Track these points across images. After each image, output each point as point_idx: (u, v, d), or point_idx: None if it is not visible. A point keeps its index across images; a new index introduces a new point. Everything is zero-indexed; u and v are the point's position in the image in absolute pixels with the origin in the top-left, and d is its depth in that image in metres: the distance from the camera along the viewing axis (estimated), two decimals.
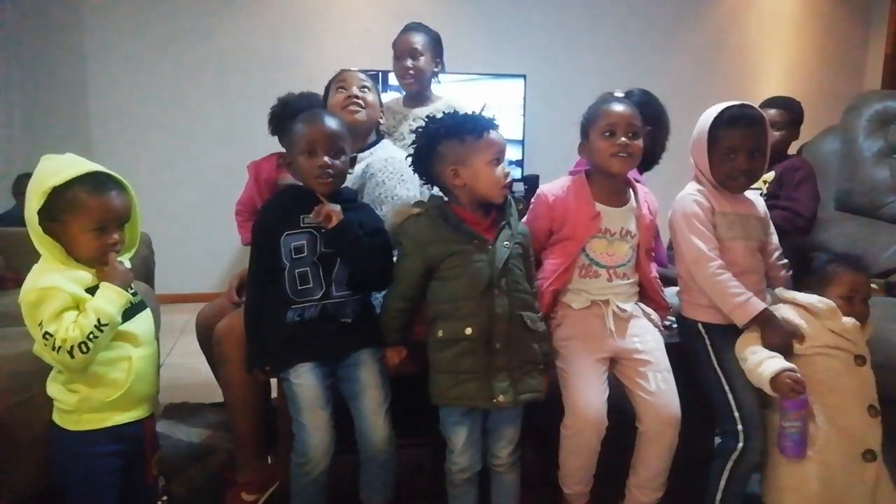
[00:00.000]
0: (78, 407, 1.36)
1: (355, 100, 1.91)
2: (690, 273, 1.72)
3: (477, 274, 1.53)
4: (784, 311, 1.64)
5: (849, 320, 1.58)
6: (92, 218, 1.33)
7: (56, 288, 1.29)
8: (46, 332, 1.27)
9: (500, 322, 1.53)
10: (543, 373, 1.62)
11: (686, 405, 1.64)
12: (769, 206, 1.93)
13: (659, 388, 1.63)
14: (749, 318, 1.61)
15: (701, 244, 1.67)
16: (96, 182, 1.35)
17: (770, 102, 2.68)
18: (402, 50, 2.33)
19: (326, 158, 1.56)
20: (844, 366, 1.57)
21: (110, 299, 1.33)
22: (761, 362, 1.55)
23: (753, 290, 1.67)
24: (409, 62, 2.31)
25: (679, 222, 1.73)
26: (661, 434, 1.62)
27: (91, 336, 1.28)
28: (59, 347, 1.26)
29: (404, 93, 2.43)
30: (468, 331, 1.52)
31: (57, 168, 1.33)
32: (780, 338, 1.58)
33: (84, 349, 1.28)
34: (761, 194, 2.33)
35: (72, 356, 1.27)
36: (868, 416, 1.55)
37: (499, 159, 1.57)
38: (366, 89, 1.96)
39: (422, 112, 2.36)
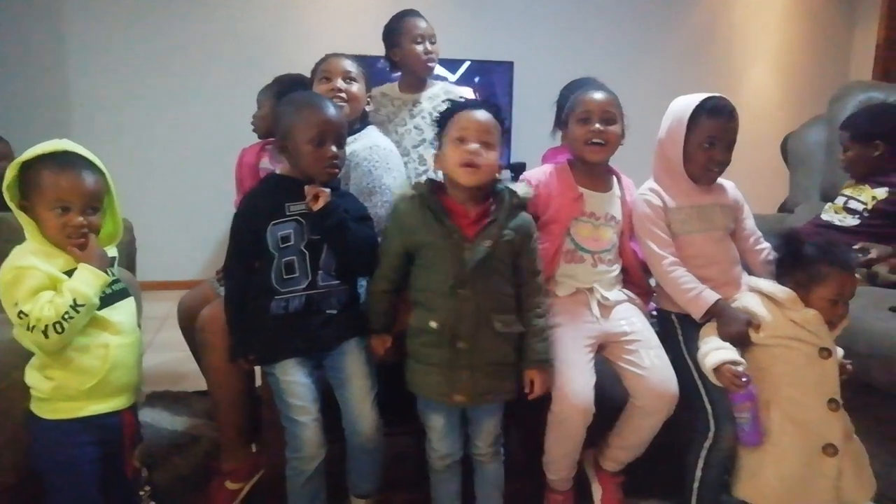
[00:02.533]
0: (53, 395, 1.34)
1: (339, 94, 1.86)
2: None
3: (449, 270, 1.51)
4: (746, 300, 1.63)
5: (809, 311, 1.54)
6: (53, 196, 1.31)
7: (32, 267, 1.28)
8: (21, 311, 1.25)
9: (465, 322, 1.51)
10: (514, 374, 1.58)
11: None
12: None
13: (653, 363, 1.64)
14: (703, 311, 1.63)
15: (651, 244, 1.71)
16: (63, 161, 1.33)
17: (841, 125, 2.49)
18: (423, 34, 2.30)
19: (334, 149, 1.55)
20: (806, 359, 1.54)
21: (87, 280, 1.31)
22: (707, 353, 1.56)
23: (723, 279, 1.70)
24: (429, 46, 2.30)
25: (635, 224, 1.77)
26: (658, 409, 1.62)
27: (66, 316, 1.26)
28: (34, 327, 1.25)
29: (398, 78, 2.40)
30: (432, 324, 1.52)
31: (35, 148, 1.32)
32: (735, 327, 1.57)
33: (59, 329, 1.26)
34: (864, 210, 2.28)
35: (46, 336, 1.25)
36: (828, 411, 1.52)
37: (462, 138, 1.52)
38: (351, 80, 1.91)
39: (422, 97, 2.34)
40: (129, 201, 1.46)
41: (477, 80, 4.22)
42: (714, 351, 1.55)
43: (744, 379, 1.49)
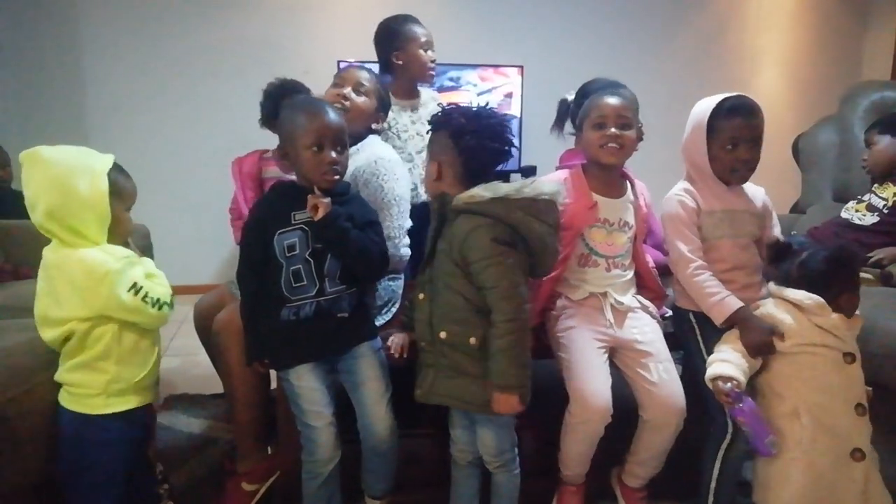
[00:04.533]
0: (106, 389, 1.39)
1: (343, 101, 1.86)
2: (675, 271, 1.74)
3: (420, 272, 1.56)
4: (770, 308, 1.60)
5: (836, 316, 1.54)
6: (129, 198, 1.44)
7: (134, 256, 1.42)
8: (147, 293, 1.38)
9: (420, 325, 1.54)
10: (477, 385, 1.47)
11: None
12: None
13: (661, 378, 1.65)
14: (725, 317, 1.61)
15: (682, 246, 1.69)
16: (123, 169, 1.44)
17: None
18: (429, 43, 2.31)
19: (333, 154, 1.52)
20: (832, 364, 1.53)
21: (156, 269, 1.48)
22: (711, 363, 1.56)
23: (742, 284, 1.69)
24: (432, 54, 2.31)
25: (665, 223, 1.75)
26: (666, 424, 1.64)
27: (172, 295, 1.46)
28: (164, 302, 1.42)
29: (393, 84, 2.39)
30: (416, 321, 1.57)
31: (82, 156, 1.38)
32: (758, 336, 1.55)
33: (172, 305, 1.45)
34: (885, 207, 2.29)
35: (171, 307, 1.44)
36: (855, 415, 1.51)
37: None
38: (361, 93, 1.91)
39: (419, 103, 2.36)
40: (145, 205, 1.49)
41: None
42: (716, 363, 1.55)
43: (730, 397, 1.47)
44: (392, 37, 2.33)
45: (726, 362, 1.53)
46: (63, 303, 1.35)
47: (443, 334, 1.48)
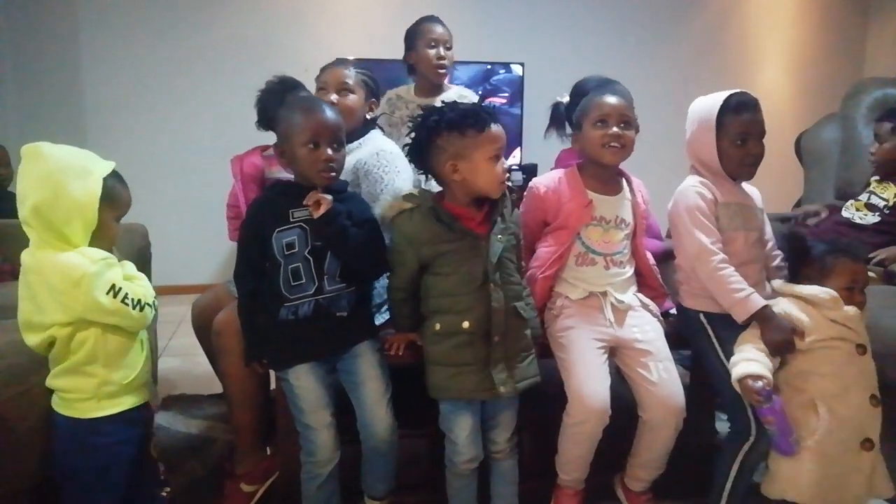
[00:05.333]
0: (96, 392, 1.35)
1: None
2: (693, 266, 1.69)
3: (472, 270, 1.52)
4: (783, 305, 1.60)
5: (850, 308, 1.56)
6: (121, 207, 1.41)
7: (113, 258, 1.36)
8: (126, 294, 1.33)
9: (497, 315, 1.52)
10: (535, 356, 1.63)
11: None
12: None
13: (661, 377, 1.64)
14: (748, 315, 1.58)
15: (703, 238, 1.65)
16: (121, 177, 1.41)
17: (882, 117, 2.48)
18: (437, 40, 2.31)
19: (330, 152, 1.52)
20: (847, 356, 1.55)
21: (140, 273, 1.44)
22: (736, 363, 1.55)
23: (753, 280, 1.67)
24: (443, 51, 2.31)
25: (682, 215, 1.70)
26: (666, 423, 1.63)
27: (155, 297, 1.43)
28: (144, 304, 1.37)
29: (413, 82, 2.41)
30: (465, 324, 1.52)
31: (82, 158, 1.35)
32: (781, 335, 1.54)
33: (155, 306, 1.42)
34: (885, 207, 2.30)
35: (153, 309, 1.40)
36: (869, 406, 1.53)
37: (499, 155, 1.53)
38: (347, 91, 1.91)
39: (437, 101, 2.34)
40: (143, 205, 1.47)
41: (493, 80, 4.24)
42: (742, 362, 1.53)
43: (762, 396, 1.46)
44: (408, 37, 2.37)
45: (753, 361, 1.52)
46: (44, 308, 1.31)
47: (522, 312, 1.59)
